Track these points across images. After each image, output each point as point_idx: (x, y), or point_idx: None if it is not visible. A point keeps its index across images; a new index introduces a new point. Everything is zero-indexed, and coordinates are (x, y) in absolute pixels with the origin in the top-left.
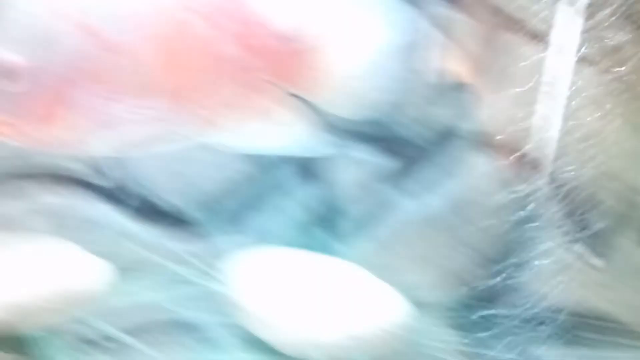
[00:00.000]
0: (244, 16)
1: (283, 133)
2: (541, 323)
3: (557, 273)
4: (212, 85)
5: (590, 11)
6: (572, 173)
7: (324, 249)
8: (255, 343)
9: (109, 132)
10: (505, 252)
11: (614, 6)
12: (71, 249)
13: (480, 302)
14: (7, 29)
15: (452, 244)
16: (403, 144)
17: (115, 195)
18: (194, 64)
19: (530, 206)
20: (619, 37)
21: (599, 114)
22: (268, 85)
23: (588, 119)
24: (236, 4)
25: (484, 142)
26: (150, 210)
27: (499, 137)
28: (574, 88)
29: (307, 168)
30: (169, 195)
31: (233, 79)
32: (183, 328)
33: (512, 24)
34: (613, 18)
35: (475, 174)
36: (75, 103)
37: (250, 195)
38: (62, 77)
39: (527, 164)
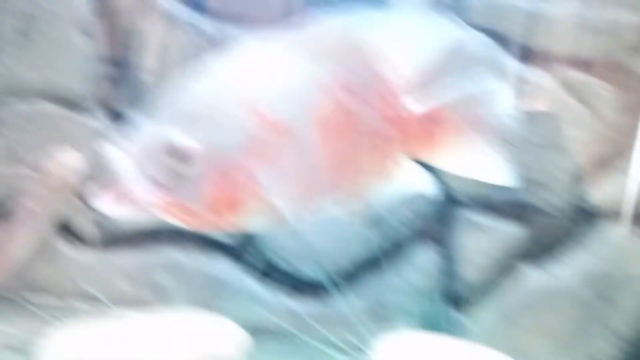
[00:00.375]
0: (385, 90)
1: (411, 199)
2: None
3: None
4: (358, 157)
5: None
6: None
7: (445, 319)
8: None
9: (269, 209)
10: None
11: None
12: (209, 315)
13: None
14: (181, 114)
15: (584, 320)
16: (531, 212)
17: (245, 259)
18: (346, 138)
19: None
20: None
21: None
22: (400, 154)
23: None
24: (378, 79)
25: (613, 212)
26: (278, 275)
27: (625, 204)
28: None
29: (430, 234)
30: (296, 260)
31: (374, 150)
32: None
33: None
34: None
35: (609, 246)
36: (242, 184)
37: (373, 262)
38: (231, 159)
39: None
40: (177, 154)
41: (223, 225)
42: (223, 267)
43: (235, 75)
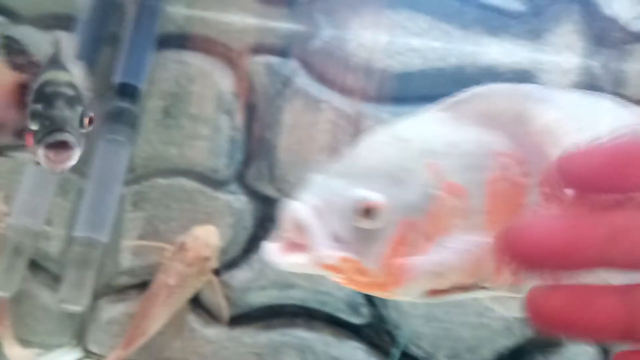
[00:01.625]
0: (548, 167)
1: None
2: None
3: None
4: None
5: None
6: None
7: None
8: None
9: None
10: None
11: None
12: None
13: None
14: (365, 167)
15: None
16: None
17: (377, 343)
18: (508, 210)
19: None
20: None
21: None
22: None
23: None
24: (543, 154)
25: None
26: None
27: None
28: None
29: None
30: (431, 347)
31: None
32: None
33: None
34: None
35: None
36: (418, 249)
37: (520, 354)
38: (408, 216)
39: None
40: (363, 209)
41: (388, 292)
42: (354, 351)
43: (417, 136)
